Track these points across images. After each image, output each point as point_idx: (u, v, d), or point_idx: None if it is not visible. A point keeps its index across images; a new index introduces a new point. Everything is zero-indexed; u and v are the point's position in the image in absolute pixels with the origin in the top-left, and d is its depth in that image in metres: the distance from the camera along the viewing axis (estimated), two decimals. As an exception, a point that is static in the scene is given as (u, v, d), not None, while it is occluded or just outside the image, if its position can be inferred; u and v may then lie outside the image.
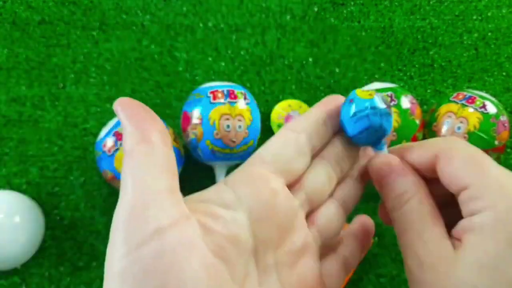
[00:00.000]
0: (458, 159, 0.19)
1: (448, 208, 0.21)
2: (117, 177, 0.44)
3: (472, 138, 0.45)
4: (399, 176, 0.21)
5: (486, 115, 0.45)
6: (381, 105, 0.21)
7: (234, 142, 0.45)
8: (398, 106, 0.45)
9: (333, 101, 0.23)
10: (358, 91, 0.21)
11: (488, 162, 0.19)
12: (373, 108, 0.21)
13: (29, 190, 0.50)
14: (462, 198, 0.19)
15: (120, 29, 0.57)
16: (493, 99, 0.46)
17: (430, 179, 0.22)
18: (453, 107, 0.46)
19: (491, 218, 0.17)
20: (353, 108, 0.21)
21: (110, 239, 0.16)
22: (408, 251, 0.20)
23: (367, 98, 0.21)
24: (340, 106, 0.22)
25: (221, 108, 0.45)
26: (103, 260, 0.18)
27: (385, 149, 0.22)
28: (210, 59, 0.57)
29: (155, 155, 0.17)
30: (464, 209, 0.19)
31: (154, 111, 0.57)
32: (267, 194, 0.20)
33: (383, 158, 0.22)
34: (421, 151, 0.21)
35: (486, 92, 0.55)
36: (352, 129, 0.21)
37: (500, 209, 0.17)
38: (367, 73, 0.57)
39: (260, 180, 0.20)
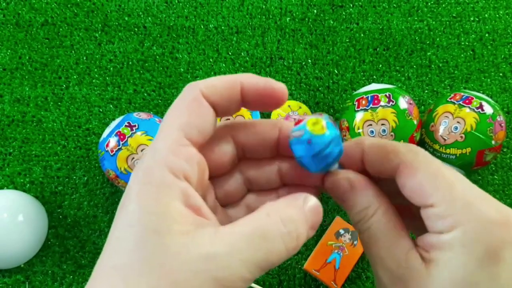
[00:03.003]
0: (422, 173, 0.19)
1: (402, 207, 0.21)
2: (119, 176, 0.45)
3: (469, 138, 0.45)
4: (360, 190, 0.20)
5: (483, 115, 0.45)
6: (335, 131, 0.20)
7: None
8: (396, 106, 0.46)
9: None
10: (309, 125, 0.20)
11: (454, 178, 0.18)
12: (332, 140, 0.20)
13: (33, 189, 0.51)
14: (427, 214, 0.18)
15: (122, 31, 0.58)
16: (490, 99, 0.47)
17: (380, 180, 0.21)
18: (450, 107, 0.47)
19: (461, 238, 0.17)
20: (313, 149, 0.20)
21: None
22: (377, 264, 0.19)
23: (322, 133, 0.19)
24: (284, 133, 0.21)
25: (222, 108, 0.46)
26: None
27: (336, 165, 0.21)
28: (211, 60, 0.57)
29: None
30: (430, 224, 0.18)
31: (156, 112, 0.58)
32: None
33: (341, 174, 0.21)
34: (380, 157, 0.20)
35: (483, 93, 0.56)
36: (315, 166, 0.20)
37: (469, 228, 0.17)
38: (365, 74, 0.57)
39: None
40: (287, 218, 0.18)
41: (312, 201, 0.19)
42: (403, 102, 0.46)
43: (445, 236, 0.18)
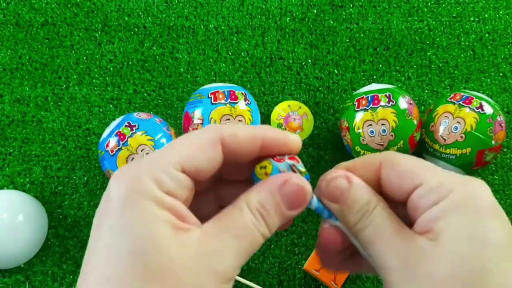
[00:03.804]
0: (405, 160, 0.20)
1: None
2: (119, 176, 0.45)
3: (469, 138, 0.45)
4: (359, 187, 0.21)
5: (483, 115, 0.45)
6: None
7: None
8: (396, 106, 0.46)
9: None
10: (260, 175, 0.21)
11: (433, 164, 0.20)
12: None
13: (33, 189, 0.51)
14: (418, 195, 0.19)
15: (122, 31, 0.58)
16: (490, 99, 0.47)
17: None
18: (450, 107, 0.47)
19: (460, 197, 0.18)
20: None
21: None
22: (387, 257, 0.19)
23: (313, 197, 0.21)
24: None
25: (222, 109, 0.46)
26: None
27: (314, 199, 0.22)
28: (211, 60, 0.57)
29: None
30: (424, 202, 0.19)
31: (156, 112, 0.58)
32: None
33: (339, 173, 0.21)
34: (364, 166, 0.22)
35: (483, 93, 0.56)
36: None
37: (464, 189, 0.18)
38: (365, 74, 0.57)
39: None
40: (256, 207, 0.19)
41: (290, 186, 0.20)
42: (403, 102, 0.46)
43: (443, 203, 0.18)
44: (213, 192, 0.23)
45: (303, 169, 0.21)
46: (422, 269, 0.18)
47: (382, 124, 0.45)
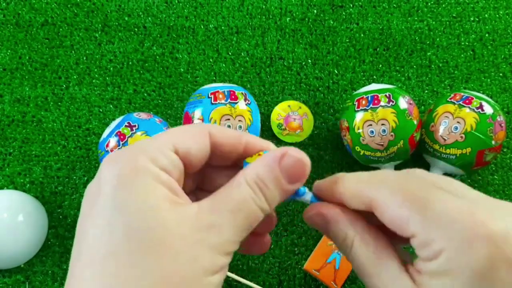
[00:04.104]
0: (393, 206, 0.18)
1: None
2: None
3: (469, 138, 0.45)
4: (334, 223, 0.21)
5: (483, 115, 0.45)
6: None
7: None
8: (396, 106, 0.46)
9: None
10: None
11: (427, 195, 0.18)
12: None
13: (33, 190, 0.51)
14: (413, 244, 0.18)
15: (122, 31, 0.58)
16: (490, 99, 0.47)
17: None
18: (450, 107, 0.47)
19: (446, 265, 0.17)
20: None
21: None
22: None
23: None
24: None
25: (222, 108, 0.46)
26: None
27: (306, 191, 0.22)
28: (211, 60, 0.57)
29: None
30: (418, 253, 0.18)
31: (156, 112, 0.58)
32: None
33: (314, 209, 0.21)
34: (353, 201, 0.20)
35: (483, 93, 0.56)
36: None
37: (453, 253, 0.17)
38: (365, 74, 0.57)
39: None
40: (255, 180, 0.19)
41: (289, 158, 0.19)
42: (403, 102, 0.46)
43: (431, 265, 0.17)
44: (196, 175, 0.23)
45: None
46: None
47: (382, 124, 0.45)
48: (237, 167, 0.22)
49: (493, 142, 0.45)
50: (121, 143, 0.44)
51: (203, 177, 0.23)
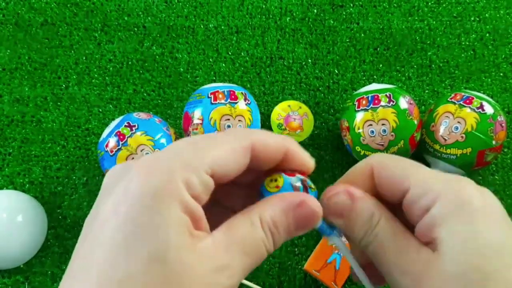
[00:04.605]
0: (391, 164, 0.21)
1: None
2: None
3: (470, 138, 0.45)
4: (362, 201, 0.21)
5: (483, 115, 0.45)
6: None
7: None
8: (396, 106, 0.45)
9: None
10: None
11: (418, 164, 0.20)
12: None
13: (32, 190, 0.51)
14: (409, 200, 0.19)
15: (122, 31, 0.58)
16: (491, 99, 0.47)
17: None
18: (450, 107, 0.47)
19: (448, 205, 0.18)
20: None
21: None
22: (393, 271, 0.19)
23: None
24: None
25: (222, 108, 0.46)
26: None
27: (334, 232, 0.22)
28: (211, 60, 0.57)
29: None
30: (415, 209, 0.19)
31: (156, 112, 0.58)
32: None
33: (339, 189, 0.22)
34: (357, 175, 0.22)
35: (484, 93, 0.56)
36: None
37: (450, 195, 0.18)
38: (365, 74, 0.57)
39: None
40: (268, 224, 0.19)
41: (305, 209, 0.19)
42: (403, 102, 0.46)
43: (433, 210, 0.18)
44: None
45: (313, 186, 0.21)
46: (428, 285, 0.18)
47: (383, 124, 0.45)
48: (254, 187, 0.21)
49: (493, 142, 0.45)
50: (120, 143, 0.44)
51: (220, 193, 0.23)
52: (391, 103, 0.46)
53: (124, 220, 0.16)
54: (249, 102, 0.48)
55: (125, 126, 0.45)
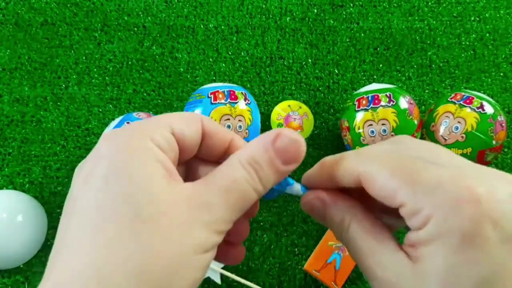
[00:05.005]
0: (380, 178, 0.19)
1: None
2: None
3: (470, 138, 0.45)
4: (331, 206, 0.21)
5: (483, 115, 0.45)
6: None
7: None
8: (396, 106, 0.45)
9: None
10: None
11: (416, 167, 0.18)
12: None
13: (32, 190, 0.51)
14: (403, 214, 0.18)
15: (122, 31, 0.58)
16: (491, 99, 0.47)
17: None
18: (451, 107, 0.47)
19: (435, 231, 0.17)
20: None
21: None
22: (368, 273, 0.19)
23: None
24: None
25: (222, 108, 0.46)
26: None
27: (295, 182, 0.22)
28: (211, 60, 0.57)
29: None
30: (409, 223, 0.18)
31: (156, 112, 0.58)
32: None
33: (313, 193, 0.22)
34: (345, 178, 0.21)
35: (484, 93, 0.56)
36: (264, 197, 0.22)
37: (440, 218, 0.17)
38: (365, 74, 0.57)
39: None
40: (248, 161, 0.19)
41: (283, 139, 0.19)
42: (403, 102, 0.46)
43: (422, 233, 0.17)
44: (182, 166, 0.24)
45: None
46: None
47: (383, 124, 0.45)
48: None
49: (494, 142, 0.45)
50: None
51: (189, 170, 0.23)
52: (391, 103, 0.46)
53: (99, 177, 0.17)
54: (249, 102, 0.48)
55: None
